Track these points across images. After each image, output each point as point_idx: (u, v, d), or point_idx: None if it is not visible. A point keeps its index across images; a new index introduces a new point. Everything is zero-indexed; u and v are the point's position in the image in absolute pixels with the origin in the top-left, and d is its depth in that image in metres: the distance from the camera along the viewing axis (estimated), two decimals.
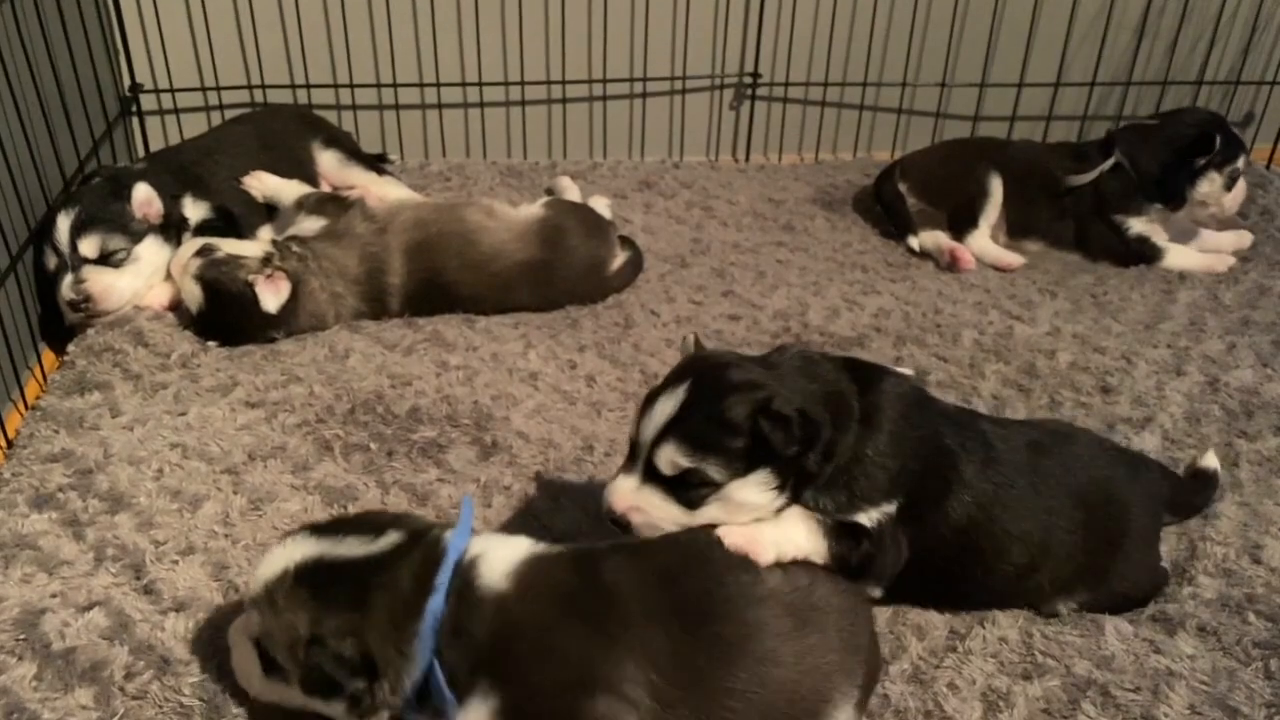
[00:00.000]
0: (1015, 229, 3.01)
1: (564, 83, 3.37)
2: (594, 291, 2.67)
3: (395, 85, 3.29)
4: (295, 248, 2.48)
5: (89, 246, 2.38)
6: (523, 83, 3.35)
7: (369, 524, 1.47)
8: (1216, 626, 1.74)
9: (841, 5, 3.39)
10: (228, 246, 2.45)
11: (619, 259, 2.73)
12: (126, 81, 3.13)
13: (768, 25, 3.39)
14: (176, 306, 2.50)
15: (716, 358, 1.60)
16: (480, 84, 3.33)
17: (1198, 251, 2.98)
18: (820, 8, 3.39)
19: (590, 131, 3.49)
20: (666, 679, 1.39)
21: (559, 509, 1.95)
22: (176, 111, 3.23)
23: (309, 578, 1.39)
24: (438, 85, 3.31)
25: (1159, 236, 2.95)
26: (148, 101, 3.18)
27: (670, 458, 1.50)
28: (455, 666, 1.38)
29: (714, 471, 1.49)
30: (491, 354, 2.42)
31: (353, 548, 1.42)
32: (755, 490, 1.52)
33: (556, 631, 1.40)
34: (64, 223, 2.37)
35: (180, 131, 3.20)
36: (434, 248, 2.55)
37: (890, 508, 1.59)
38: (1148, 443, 2.19)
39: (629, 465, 1.57)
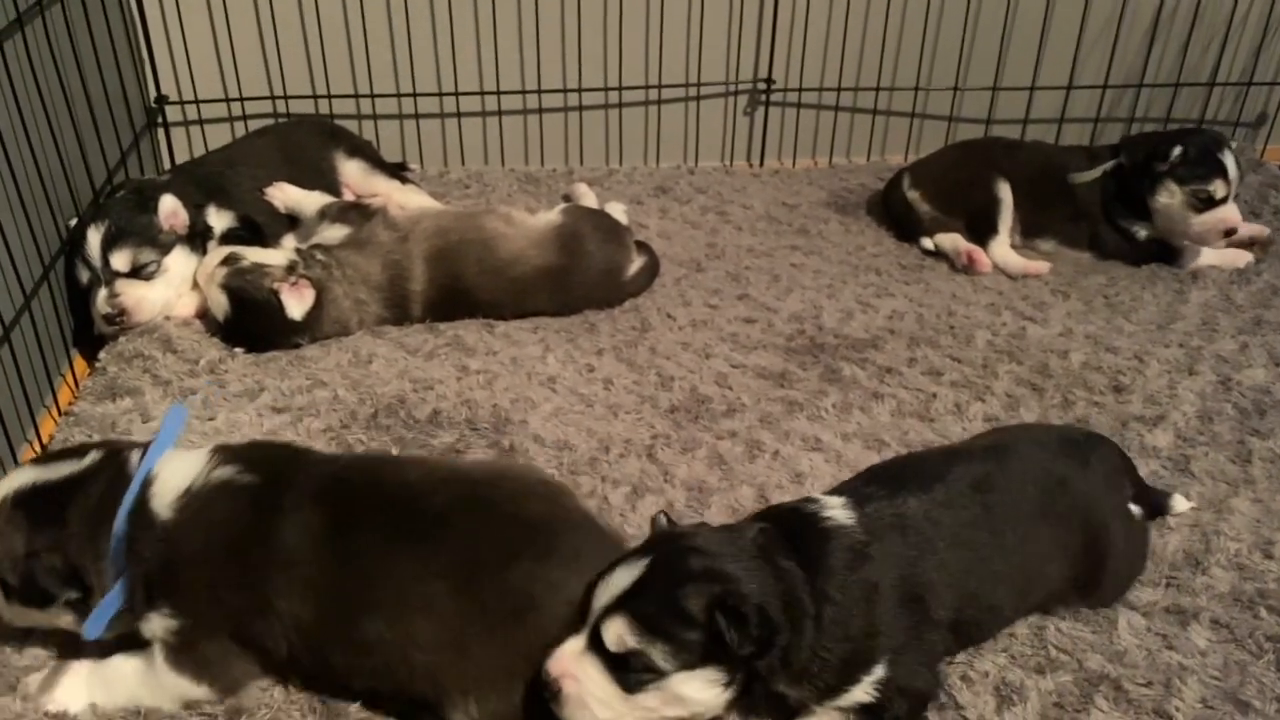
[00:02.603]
0: (1029, 229, 3.03)
1: (580, 90, 3.42)
2: (611, 296, 2.70)
3: (415, 95, 3.34)
4: (319, 255, 2.53)
5: (121, 260, 2.43)
6: (540, 91, 3.40)
7: (79, 449, 1.61)
8: (1229, 621, 1.76)
9: (854, 10, 3.42)
10: (253, 255, 2.50)
11: (635, 264, 2.77)
12: (152, 93, 3.19)
13: (781, 31, 3.43)
14: (204, 314, 2.55)
15: (683, 537, 1.50)
16: (498, 93, 3.38)
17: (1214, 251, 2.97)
18: (833, 13, 3.42)
19: (606, 138, 3.53)
20: (311, 609, 1.50)
21: None
22: (201, 122, 3.29)
23: (24, 502, 1.54)
24: (456, 94, 3.36)
25: (1172, 238, 2.94)
26: (173, 113, 3.25)
27: (617, 633, 1.39)
28: (136, 585, 1.51)
29: (660, 659, 1.39)
30: (511, 358, 2.46)
31: (60, 470, 1.56)
32: (700, 686, 1.42)
33: (214, 568, 1.51)
34: (94, 237, 2.41)
35: (205, 143, 3.26)
36: (454, 255, 2.60)
37: (882, 670, 1.51)
38: (1160, 440, 2.21)
39: (579, 631, 1.45)
